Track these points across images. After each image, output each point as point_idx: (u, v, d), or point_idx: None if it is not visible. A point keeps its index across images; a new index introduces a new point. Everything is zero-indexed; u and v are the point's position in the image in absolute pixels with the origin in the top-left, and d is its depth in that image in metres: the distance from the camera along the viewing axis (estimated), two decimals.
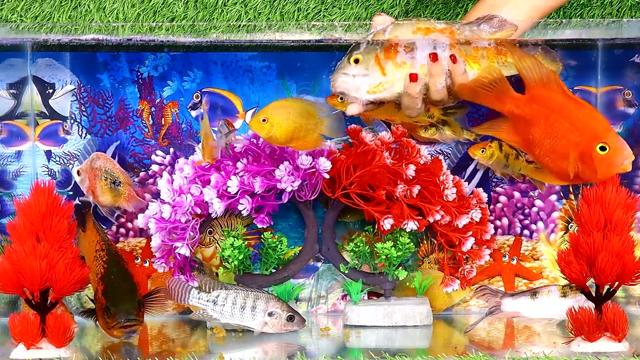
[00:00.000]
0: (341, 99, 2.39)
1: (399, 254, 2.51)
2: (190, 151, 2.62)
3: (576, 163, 2.17)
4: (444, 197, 2.50)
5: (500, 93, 2.19)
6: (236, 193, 2.46)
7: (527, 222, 2.72)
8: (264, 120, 2.29)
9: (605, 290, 2.18)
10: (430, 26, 2.18)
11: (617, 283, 2.17)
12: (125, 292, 2.34)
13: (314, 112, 2.33)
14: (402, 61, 2.17)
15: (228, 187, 2.44)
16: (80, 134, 2.67)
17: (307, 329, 2.54)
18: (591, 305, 2.18)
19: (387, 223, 2.46)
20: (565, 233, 2.72)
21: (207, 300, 2.41)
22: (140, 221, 2.51)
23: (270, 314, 2.40)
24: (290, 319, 2.40)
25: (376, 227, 2.52)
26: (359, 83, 2.18)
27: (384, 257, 2.51)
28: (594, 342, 2.15)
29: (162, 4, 2.61)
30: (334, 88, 2.21)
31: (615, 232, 2.16)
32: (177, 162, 2.58)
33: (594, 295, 2.19)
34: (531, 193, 2.72)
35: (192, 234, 2.48)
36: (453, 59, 2.16)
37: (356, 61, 2.17)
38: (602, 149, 2.15)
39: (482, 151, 2.55)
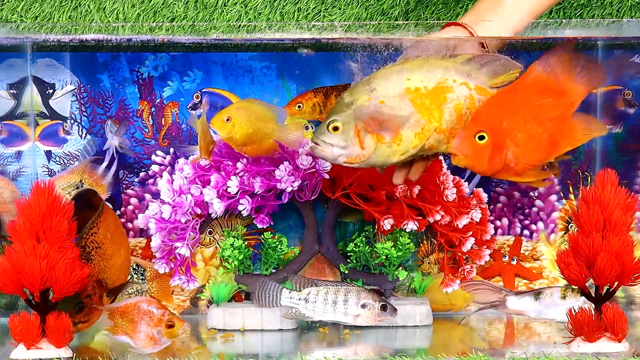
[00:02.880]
0: (299, 106, 2.39)
1: (399, 254, 2.51)
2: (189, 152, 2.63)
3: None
4: (444, 197, 2.50)
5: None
6: (236, 193, 2.46)
7: (527, 222, 2.72)
8: (227, 120, 2.27)
9: (604, 291, 2.18)
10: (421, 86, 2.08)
11: (616, 283, 2.17)
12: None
13: (273, 117, 2.31)
14: (382, 136, 2.07)
15: (228, 187, 2.44)
16: (80, 134, 2.67)
17: (307, 329, 2.54)
18: (591, 305, 2.19)
19: (387, 223, 2.46)
20: (565, 233, 2.72)
21: (299, 299, 2.38)
22: (140, 221, 2.51)
23: (363, 306, 2.38)
24: (383, 308, 2.37)
25: (376, 227, 2.52)
26: (337, 154, 2.07)
27: (384, 257, 2.51)
28: (594, 342, 2.15)
29: (162, 4, 2.61)
30: (312, 150, 2.10)
31: (615, 232, 2.15)
32: (177, 162, 2.58)
33: (593, 295, 2.19)
34: (531, 193, 2.72)
35: (192, 234, 2.48)
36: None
37: (335, 129, 2.06)
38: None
39: None
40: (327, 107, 2.46)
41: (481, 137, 2.01)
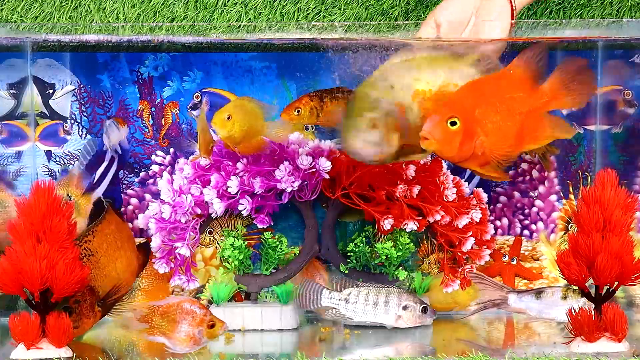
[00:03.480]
0: (298, 111, 2.39)
1: (399, 254, 2.51)
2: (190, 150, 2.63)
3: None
4: (444, 197, 2.50)
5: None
6: (236, 193, 2.46)
7: (527, 222, 2.72)
8: (228, 118, 2.28)
9: (604, 291, 2.18)
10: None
11: (616, 284, 2.16)
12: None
13: (262, 114, 2.33)
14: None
15: (228, 187, 2.44)
16: (80, 134, 2.67)
17: (307, 329, 2.54)
18: (591, 305, 2.18)
19: (387, 223, 2.46)
20: (565, 233, 2.72)
21: (339, 299, 2.37)
22: (140, 221, 2.51)
23: (404, 308, 2.38)
24: (424, 310, 2.37)
25: (376, 227, 2.52)
26: (371, 151, 2.10)
27: (384, 257, 2.51)
28: (594, 342, 2.15)
29: (162, 5, 2.61)
30: (345, 145, 2.11)
31: (614, 232, 2.15)
32: (177, 162, 2.58)
33: (593, 296, 2.19)
34: (531, 193, 2.72)
35: (192, 234, 2.48)
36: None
37: (374, 126, 2.08)
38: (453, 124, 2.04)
39: None
40: (323, 111, 2.46)
41: (453, 123, 2.01)
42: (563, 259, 2.16)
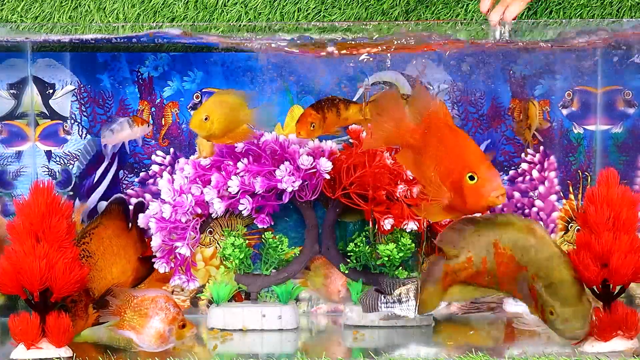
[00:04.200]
0: (313, 126, 2.39)
1: (401, 255, 2.51)
2: (192, 150, 2.63)
3: (448, 191, 2.14)
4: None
5: (397, 126, 2.18)
6: (237, 193, 2.46)
7: None
8: (206, 119, 2.30)
9: (616, 290, 2.17)
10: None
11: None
12: None
13: (245, 103, 2.34)
14: None
15: (229, 187, 2.44)
16: (80, 134, 2.67)
17: (306, 329, 2.54)
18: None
19: (387, 223, 2.46)
20: (565, 233, 2.72)
21: (393, 302, 2.35)
22: (140, 221, 2.51)
23: None
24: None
25: (376, 227, 2.52)
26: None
27: (385, 258, 2.51)
28: (608, 341, 2.14)
29: (162, 4, 2.61)
30: (578, 335, 2.13)
31: (624, 230, 2.14)
32: (178, 162, 2.58)
33: (599, 293, 2.19)
34: (531, 193, 2.72)
35: (192, 233, 2.48)
36: None
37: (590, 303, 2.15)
38: (471, 178, 2.10)
39: None
40: (326, 121, 2.47)
41: (472, 178, 2.10)
42: (582, 261, 2.13)
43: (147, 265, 2.53)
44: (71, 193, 2.66)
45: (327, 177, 2.46)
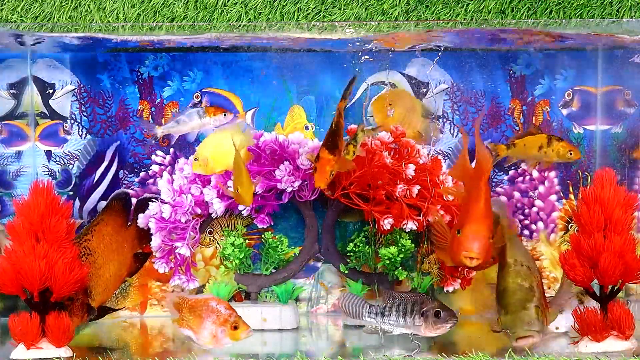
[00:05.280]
0: (332, 174, 2.35)
1: (401, 256, 2.51)
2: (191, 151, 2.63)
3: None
4: (444, 197, 2.49)
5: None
6: None
7: (527, 222, 2.72)
8: (195, 160, 2.38)
9: (609, 290, 2.17)
10: None
11: (620, 282, 2.16)
12: None
13: (236, 132, 2.39)
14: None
15: (228, 187, 2.44)
16: (80, 134, 2.67)
17: (307, 329, 2.54)
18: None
19: (387, 223, 2.46)
20: (565, 233, 2.72)
21: (376, 314, 2.30)
22: (140, 221, 2.51)
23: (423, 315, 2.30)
24: (437, 315, 2.29)
25: (376, 227, 2.51)
26: (542, 337, 2.19)
27: (387, 261, 2.51)
28: (601, 342, 2.14)
29: (162, 4, 2.61)
30: (527, 344, 2.16)
31: (616, 231, 2.15)
32: (177, 162, 2.58)
33: (598, 295, 2.19)
34: (531, 193, 2.72)
35: (192, 234, 2.48)
36: None
37: (540, 313, 2.19)
38: (458, 232, 2.18)
39: None
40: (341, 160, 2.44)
41: (459, 232, 2.18)
42: (567, 260, 2.15)
43: (139, 261, 2.54)
44: (71, 193, 2.66)
45: None
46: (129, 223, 2.52)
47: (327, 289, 2.51)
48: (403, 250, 2.51)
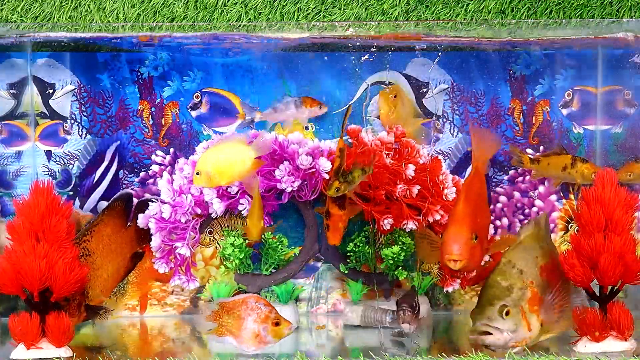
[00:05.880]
0: (337, 190, 2.34)
1: (403, 255, 2.51)
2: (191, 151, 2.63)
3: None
4: (444, 197, 2.50)
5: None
6: (236, 193, 2.46)
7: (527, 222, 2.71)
8: (197, 174, 2.31)
9: (609, 290, 2.17)
10: None
11: (619, 282, 2.16)
12: None
13: (239, 142, 2.34)
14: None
15: (228, 187, 2.44)
16: (80, 134, 2.67)
17: (307, 328, 2.54)
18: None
19: (386, 223, 2.46)
20: (565, 233, 2.72)
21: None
22: (140, 221, 2.51)
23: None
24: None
25: (376, 227, 2.51)
26: (508, 339, 2.12)
27: (390, 261, 2.51)
28: (600, 342, 2.14)
29: (162, 4, 2.61)
30: (479, 341, 2.12)
31: (616, 232, 2.15)
32: (177, 162, 2.58)
33: (598, 295, 2.19)
34: (531, 193, 2.72)
35: (192, 234, 2.48)
36: None
37: (507, 313, 2.12)
38: (442, 236, 2.21)
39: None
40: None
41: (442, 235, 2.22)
42: (567, 260, 2.15)
43: (134, 260, 2.54)
44: (71, 193, 2.66)
45: (327, 176, 2.46)
46: (129, 224, 2.52)
47: (324, 327, 2.52)
48: (404, 248, 2.51)
